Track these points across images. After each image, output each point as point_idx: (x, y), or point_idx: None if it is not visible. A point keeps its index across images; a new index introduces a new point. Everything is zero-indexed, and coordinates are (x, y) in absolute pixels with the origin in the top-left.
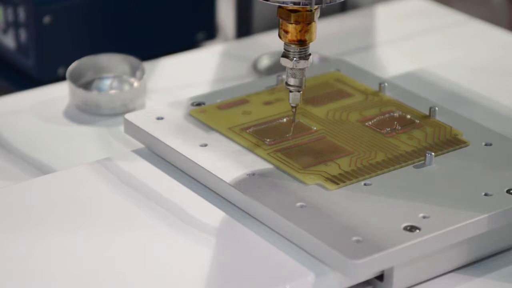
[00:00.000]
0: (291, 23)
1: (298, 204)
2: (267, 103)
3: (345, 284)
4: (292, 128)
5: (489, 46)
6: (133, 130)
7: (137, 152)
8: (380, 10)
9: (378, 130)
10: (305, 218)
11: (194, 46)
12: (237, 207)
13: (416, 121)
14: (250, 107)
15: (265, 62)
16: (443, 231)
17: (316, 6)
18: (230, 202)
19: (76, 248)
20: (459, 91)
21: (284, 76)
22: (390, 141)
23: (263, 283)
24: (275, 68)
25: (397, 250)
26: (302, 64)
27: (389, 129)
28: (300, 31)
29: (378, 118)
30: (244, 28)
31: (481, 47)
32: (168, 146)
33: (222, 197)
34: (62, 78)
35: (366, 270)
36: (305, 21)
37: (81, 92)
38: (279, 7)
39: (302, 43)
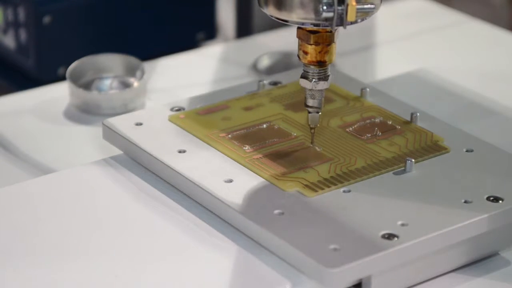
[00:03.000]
0: (311, 44)
1: (276, 211)
2: (247, 108)
3: None
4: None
5: (489, 46)
6: (111, 136)
7: (115, 158)
8: (380, 10)
9: (358, 136)
10: (282, 226)
11: (194, 46)
12: (214, 213)
13: (397, 127)
14: (230, 113)
15: (265, 62)
16: (422, 239)
17: (336, 27)
18: (206, 209)
19: (76, 247)
20: (459, 91)
21: (265, 82)
22: (371, 147)
23: None
24: (275, 68)
25: (374, 259)
26: (322, 85)
27: (369, 135)
28: (319, 52)
29: (359, 124)
30: (244, 28)
31: (481, 47)
32: (145, 152)
33: (199, 203)
34: (62, 78)
35: (343, 278)
36: (325, 42)
37: (81, 92)
38: (299, 28)
39: (322, 64)
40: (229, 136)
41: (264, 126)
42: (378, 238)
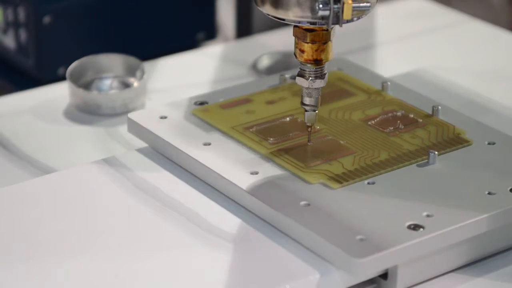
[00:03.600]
0: (307, 43)
1: (302, 203)
2: (270, 102)
3: (349, 282)
4: (308, 147)
5: (489, 46)
6: (136, 129)
7: (141, 151)
8: (380, 10)
9: (381, 129)
10: (309, 217)
11: (194, 46)
12: (241, 205)
13: (419, 120)
14: (253, 106)
15: (265, 62)
16: (447, 229)
17: (332, 26)
18: (233, 201)
19: (77, 247)
20: (459, 91)
21: (287, 76)
22: (393, 140)
23: (268, 282)
24: (275, 68)
25: (401, 249)
26: (318, 83)
27: (392, 128)
28: (316, 50)
29: (381, 117)
30: (244, 28)
31: (481, 47)
32: (171, 145)
33: (225, 195)
34: (62, 78)
35: (370, 268)
36: (321, 40)
37: (81, 92)
38: (295, 26)
39: (318, 62)
40: (253, 129)
41: (287, 119)
42: (404, 228)
